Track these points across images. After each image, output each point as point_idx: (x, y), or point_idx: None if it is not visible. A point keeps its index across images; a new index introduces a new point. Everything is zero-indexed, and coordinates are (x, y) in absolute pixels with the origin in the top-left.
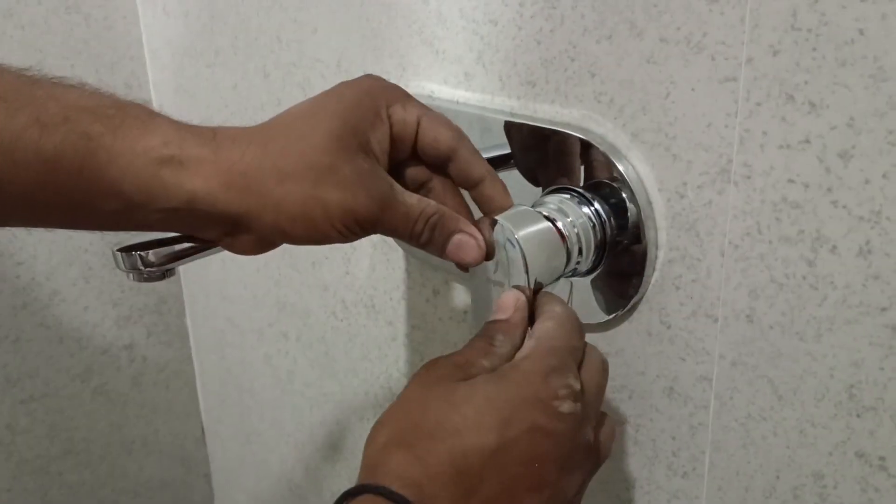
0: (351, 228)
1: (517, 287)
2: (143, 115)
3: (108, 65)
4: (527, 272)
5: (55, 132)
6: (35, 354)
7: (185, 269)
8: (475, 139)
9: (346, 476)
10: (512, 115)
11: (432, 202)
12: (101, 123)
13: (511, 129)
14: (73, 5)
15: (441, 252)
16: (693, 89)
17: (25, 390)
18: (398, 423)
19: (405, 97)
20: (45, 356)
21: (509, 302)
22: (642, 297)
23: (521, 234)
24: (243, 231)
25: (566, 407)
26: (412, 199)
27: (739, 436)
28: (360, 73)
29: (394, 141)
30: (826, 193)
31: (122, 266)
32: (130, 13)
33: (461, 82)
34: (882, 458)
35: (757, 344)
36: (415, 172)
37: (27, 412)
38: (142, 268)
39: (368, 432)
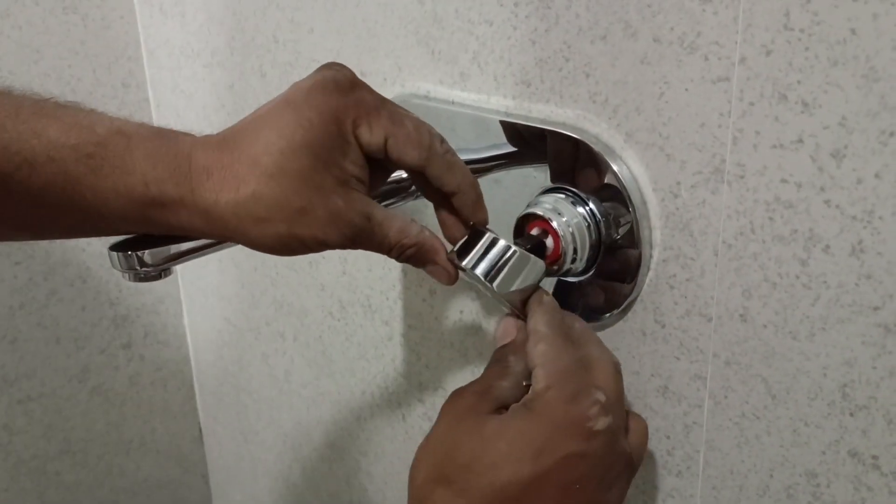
0: (326, 250)
1: (509, 313)
2: (121, 149)
3: (105, 65)
4: (506, 299)
5: (42, 172)
6: (32, 354)
7: (183, 269)
8: (470, 139)
9: (343, 475)
10: (507, 115)
11: (414, 230)
12: (82, 164)
13: (506, 129)
14: (71, 5)
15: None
16: (686, 89)
17: (23, 390)
18: (435, 459)
19: (373, 112)
20: (42, 356)
21: (510, 326)
22: (637, 297)
23: (479, 269)
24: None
25: (601, 423)
26: (391, 229)
27: (733, 435)
28: (357, 74)
29: (366, 156)
30: (819, 193)
31: (118, 266)
32: (128, 13)
33: (457, 82)
34: (875, 457)
35: (750, 343)
36: (397, 169)
37: (24, 412)
38: (138, 267)
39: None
